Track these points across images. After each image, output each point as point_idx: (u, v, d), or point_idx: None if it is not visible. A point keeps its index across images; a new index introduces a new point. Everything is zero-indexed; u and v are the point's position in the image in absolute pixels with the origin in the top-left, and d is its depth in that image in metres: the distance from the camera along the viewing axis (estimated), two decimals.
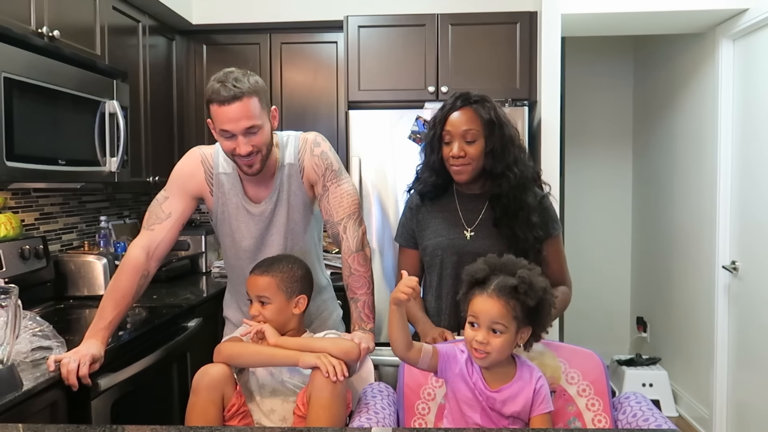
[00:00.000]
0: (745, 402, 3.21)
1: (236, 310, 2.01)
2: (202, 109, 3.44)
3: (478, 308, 1.40)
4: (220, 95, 1.64)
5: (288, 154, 1.85)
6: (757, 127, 3.04)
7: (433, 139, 1.77)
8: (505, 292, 1.39)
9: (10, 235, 2.37)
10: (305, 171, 1.85)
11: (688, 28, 3.44)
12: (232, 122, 1.66)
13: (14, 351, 1.53)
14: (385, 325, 3.00)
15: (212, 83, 1.67)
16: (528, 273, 1.41)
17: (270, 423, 1.63)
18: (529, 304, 1.39)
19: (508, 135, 1.74)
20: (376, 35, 3.15)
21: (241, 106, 1.64)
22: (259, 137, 1.70)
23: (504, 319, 1.38)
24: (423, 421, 1.54)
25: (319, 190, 1.87)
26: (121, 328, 2.36)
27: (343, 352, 1.59)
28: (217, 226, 1.94)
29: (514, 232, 1.74)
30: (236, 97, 1.63)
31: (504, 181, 1.72)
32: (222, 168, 1.87)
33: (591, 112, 4.65)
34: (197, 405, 1.54)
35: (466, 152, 1.71)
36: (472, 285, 1.44)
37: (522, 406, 1.42)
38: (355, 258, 1.84)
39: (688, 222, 3.74)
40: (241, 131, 1.67)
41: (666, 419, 1.40)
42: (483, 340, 1.38)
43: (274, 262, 1.71)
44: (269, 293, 1.66)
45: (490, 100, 1.76)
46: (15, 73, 1.97)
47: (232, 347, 1.64)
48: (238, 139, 1.68)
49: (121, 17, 2.80)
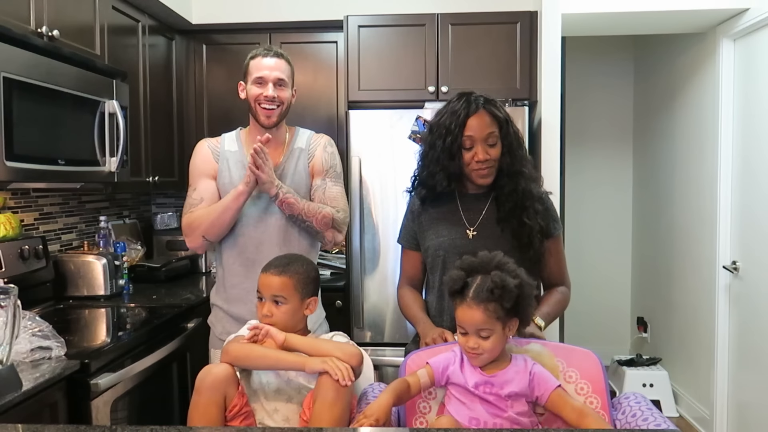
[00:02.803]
0: (745, 402, 3.20)
1: (223, 300, 2.13)
2: (202, 109, 3.44)
3: (462, 318, 1.46)
4: (264, 52, 2.05)
5: (300, 140, 2.14)
6: (758, 127, 3.04)
7: (452, 146, 1.72)
8: (482, 298, 1.43)
9: (10, 235, 2.37)
10: (314, 158, 2.12)
11: (688, 28, 3.44)
12: (269, 69, 2.03)
13: (14, 351, 1.52)
14: (386, 326, 3.00)
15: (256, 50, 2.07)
16: (499, 275, 1.44)
17: (273, 423, 1.62)
18: (506, 306, 1.43)
19: (514, 132, 1.77)
20: (376, 35, 3.15)
21: (279, 62, 2.04)
22: (284, 93, 2.05)
23: (487, 324, 1.43)
24: (424, 420, 1.54)
25: (317, 182, 2.11)
26: (120, 328, 2.37)
27: (348, 356, 1.58)
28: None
29: (521, 220, 1.75)
30: (277, 55, 2.05)
31: (521, 178, 1.75)
32: (228, 146, 2.13)
33: (591, 112, 4.65)
34: (199, 405, 1.54)
35: (491, 155, 1.73)
36: (452, 295, 1.49)
37: (520, 387, 1.45)
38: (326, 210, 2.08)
39: (688, 222, 3.74)
40: (274, 80, 2.03)
41: (665, 419, 1.40)
42: (474, 345, 1.44)
43: (290, 263, 1.70)
44: (286, 293, 1.65)
45: (493, 99, 1.79)
46: (15, 73, 1.97)
47: (240, 349, 1.62)
48: (269, 85, 2.02)
49: (121, 17, 2.80)
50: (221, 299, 2.13)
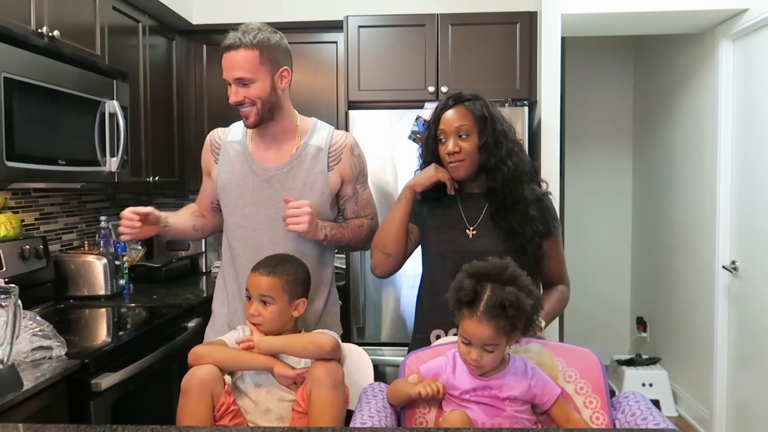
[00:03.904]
0: (745, 402, 3.21)
1: (225, 306, 1.96)
2: (202, 109, 3.45)
3: (470, 332, 1.40)
4: (224, 43, 1.76)
5: (317, 138, 1.90)
6: (757, 127, 3.04)
7: (428, 140, 1.80)
8: (494, 314, 1.37)
9: (10, 235, 2.37)
10: (341, 164, 1.90)
11: (688, 28, 3.44)
12: (226, 70, 1.77)
13: (15, 351, 1.53)
14: (386, 325, 3.00)
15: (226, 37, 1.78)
16: (515, 293, 1.37)
17: (266, 423, 1.63)
18: (518, 326, 1.41)
19: (500, 129, 1.76)
20: (376, 35, 3.15)
21: (236, 56, 1.74)
22: (252, 90, 1.76)
23: (495, 340, 1.40)
24: (424, 420, 1.54)
25: (348, 192, 1.93)
26: (121, 328, 2.37)
27: (319, 347, 1.60)
28: (220, 195, 1.92)
29: (512, 226, 1.75)
30: (233, 47, 1.74)
31: (498, 174, 1.74)
32: (232, 137, 1.93)
33: (591, 112, 4.65)
34: (188, 406, 1.54)
35: (461, 147, 1.74)
36: (458, 303, 1.42)
37: (519, 392, 1.44)
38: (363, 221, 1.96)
39: (688, 222, 3.74)
40: (233, 80, 1.76)
41: (665, 418, 1.40)
42: (477, 357, 1.41)
43: (279, 264, 1.69)
44: (274, 294, 1.65)
45: (481, 98, 1.79)
46: (15, 73, 1.97)
47: (205, 351, 1.63)
48: (231, 87, 1.78)
49: (121, 17, 2.80)
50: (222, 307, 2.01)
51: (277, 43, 1.80)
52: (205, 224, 2.03)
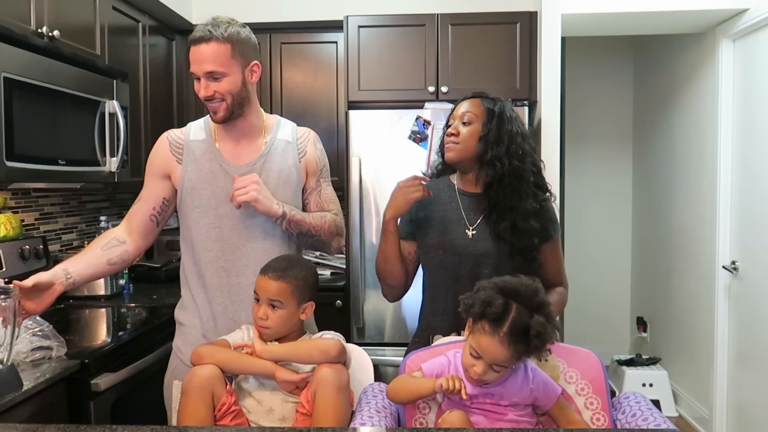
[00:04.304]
0: (745, 402, 3.21)
1: (194, 314, 1.86)
2: (202, 109, 3.42)
3: (485, 349, 1.36)
4: (193, 36, 1.71)
5: (284, 133, 1.88)
6: (757, 127, 3.04)
7: (444, 131, 1.86)
8: (516, 339, 1.34)
9: (10, 235, 2.37)
10: (307, 156, 1.88)
11: (688, 28, 3.44)
12: (195, 64, 1.71)
13: (14, 351, 1.52)
14: (386, 326, 3.00)
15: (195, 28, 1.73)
16: (543, 323, 1.34)
17: (269, 423, 1.62)
18: (533, 354, 1.39)
19: (507, 129, 1.77)
20: (376, 35, 3.15)
21: (206, 49, 1.69)
22: (223, 85, 1.72)
23: (508, 363, 1.38)
24: (424, 420, 1.54)
25: (312, 184, 1.90)
26: (120, 328, 2.37)
27: (324, 352, 1.59)
28: (185, 197, 1.83)
29: (508, 230, 1.74)
30: (203, 40, 1.69)
31: (491, 170, 1.75)
32: (194, 136, 1.87)
33: (591, 112, 4.65)
34: (188, 406, 1.54)
35: (459, 131, 1.78)
36: (482, 317, 1.37)
37: (521, 398, 1.43)
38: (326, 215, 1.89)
39: (688, 222, 3.74)
40: (202, 74, 1.71)
41: (665, 419, 1.40)
42: (481, 373, 1.38)
43: (289, 268, 1.67)
44: (283, 298, 1.64)
45: (502, 100, 1.84)
46: (15, 73, 1.97)
47: (207, 351, 1.62)
48: (201, 81, 1.73)
49: (121, 17, 2.80)
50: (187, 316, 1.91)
51: (247, 38, 1.78)
52: (126, 250, 1.82)
